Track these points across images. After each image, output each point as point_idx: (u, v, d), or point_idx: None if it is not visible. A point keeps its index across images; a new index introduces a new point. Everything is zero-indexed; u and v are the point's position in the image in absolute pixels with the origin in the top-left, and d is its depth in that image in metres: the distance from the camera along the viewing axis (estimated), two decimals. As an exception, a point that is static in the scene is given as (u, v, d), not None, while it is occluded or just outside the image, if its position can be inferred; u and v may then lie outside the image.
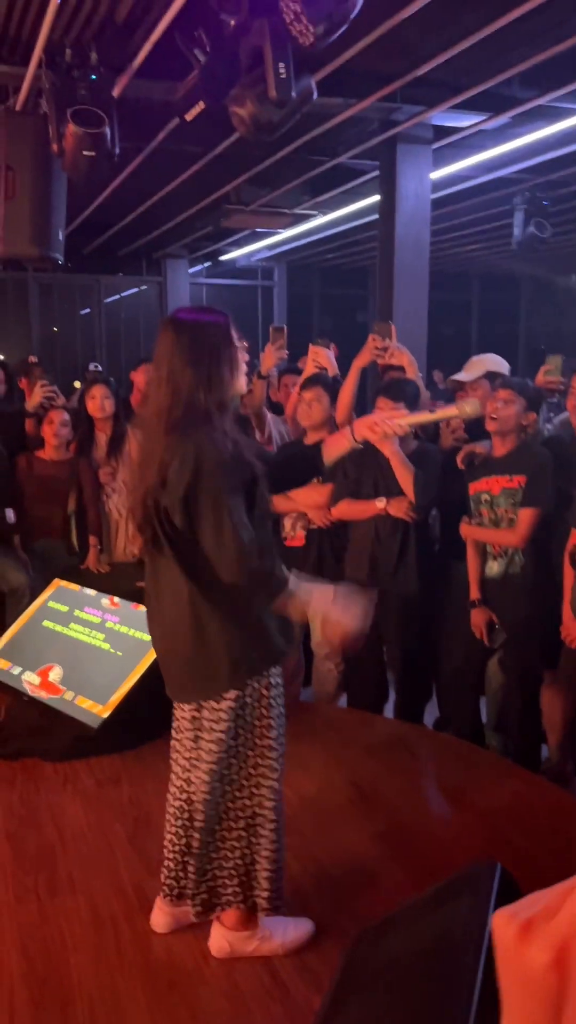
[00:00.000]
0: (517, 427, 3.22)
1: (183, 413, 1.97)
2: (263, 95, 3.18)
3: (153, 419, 2.01)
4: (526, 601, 3.26)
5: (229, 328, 2.05)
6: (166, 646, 2.11)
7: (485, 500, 3.29)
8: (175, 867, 2.22)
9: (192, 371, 1.97)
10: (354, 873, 2.47)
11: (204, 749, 2.06)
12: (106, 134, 3.96)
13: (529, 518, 3.15)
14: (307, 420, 3.77)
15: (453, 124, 5.57)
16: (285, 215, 8.63)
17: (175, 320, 2.06)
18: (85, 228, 9.18)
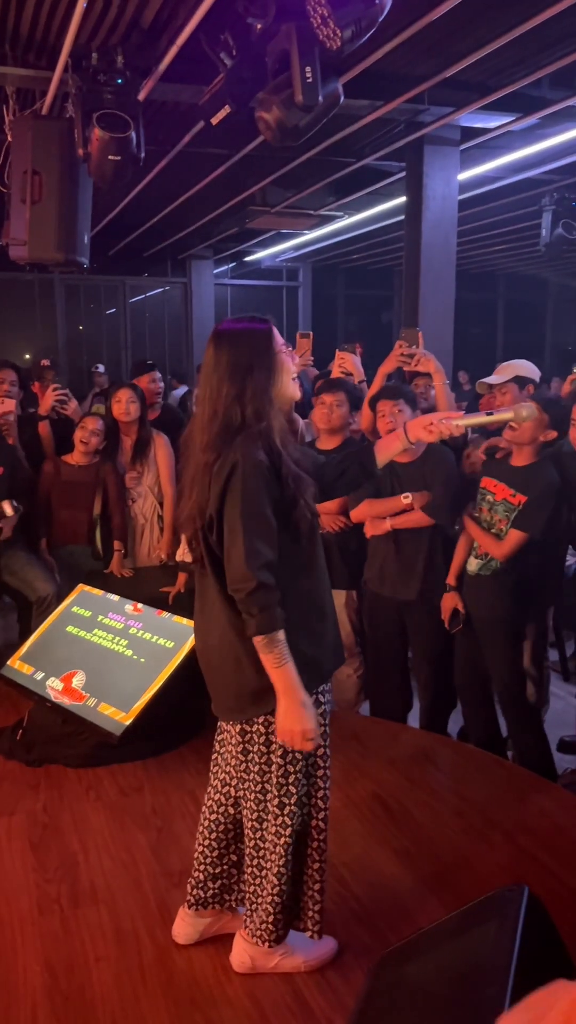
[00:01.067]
0: (534, 442, 3.18)
1: (220, 429, 1.94)
2: (289, 100, 3.16)
3: (195, 435, 2.01)
4: (493, 604, 3.27)
5: (270, 335, 2.00)
6: (213, 664, 2.07)
7: (488, 500, 3.27)
8: (204, 878, 2.20)
9: (228, 386, 1.95)
10: (377, 890, 2.44)
11: (255, 766, 2.04)
12: (132, 138, 3.96)
13: (516, 539, 3.14)
14: (325, 423, 3.73)
15: (481, 125, 5.52)
16: (310, 216, 8.61)
17: (215, 334, 2.03)
18: (111, 229, 9.22)
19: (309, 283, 13.16)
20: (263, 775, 2.03)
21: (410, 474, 3.46)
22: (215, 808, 2.19)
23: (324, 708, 2.07)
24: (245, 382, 1.95)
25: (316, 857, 2.10)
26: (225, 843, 2.19)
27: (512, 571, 3.22)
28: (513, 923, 1.68)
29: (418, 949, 1.90)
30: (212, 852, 2.19)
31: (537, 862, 2.55)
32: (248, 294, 13.30)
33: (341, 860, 2.56)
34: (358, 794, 2.97)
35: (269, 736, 2.01)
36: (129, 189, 7.36)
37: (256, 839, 2.08)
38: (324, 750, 2.08)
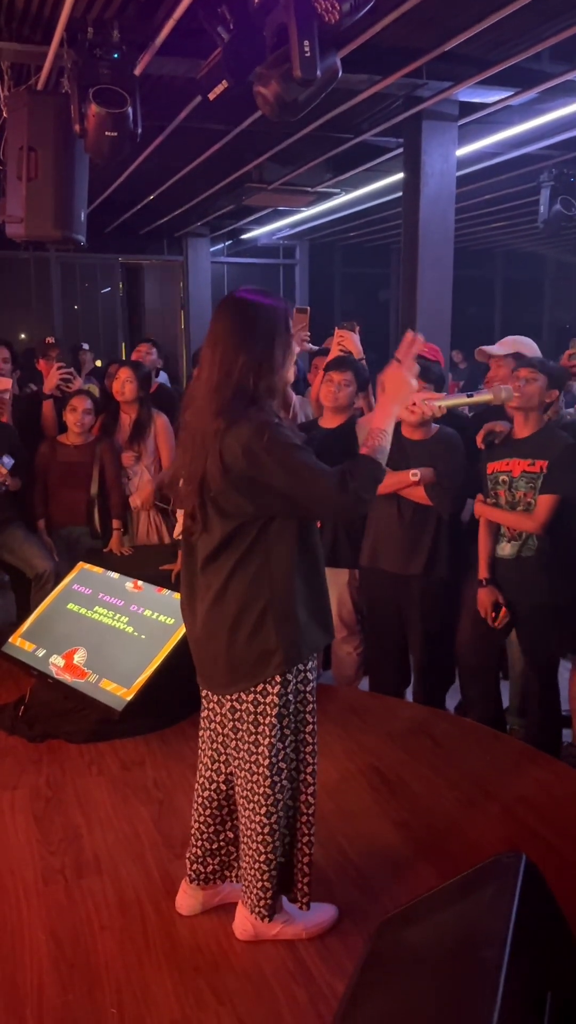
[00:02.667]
0: (540, 405, 3.19)
1: (232, 395, 1.93)
2: (288, 74, 3.13)
3: (203, 399, 1.98)
4: (540, 584, 3.24)
5: (287, 314, 2.01)
6: (203, 638, 2.07)
7: (503, 481, 3.27)
8: (202, 854, 2.24)
9: (245, 353, 1.93)
10: (376, 860, 2.48)
11: (244, 743, 2.06)
12: (128, 114, 3.93)
13: (548, 504, 3.13)
14: (331, 401, 3.74)
15: (480, 100, 5.47)
16: (308, 193, 8.54)
17: (234, 300, 2.01)
18: (106, 207, 9.14)
19: (306, 261, 13.08)
20: (251, 753, 2.05)
21: (419, 451, 3.47)
22: (207, 785, 2.22)
23: (312, 685, 2.10)
24: (262, 355, 1.95)
25: (305, 831, 2.13)
26: (220, 819, 2.22)
27: (552, 549, 3.20)
28: (511, 889, 1.71)
29: (417, 915, 1.94)
30: (208, 828, 2.23)
31: (533, 833, 2.59)
32: (245, 272, 13.22)
33: (340, 831, 2.60)
34: (357, 767, 3.01)
35: (258, 715, 2.03)
36: (125, 166, 7.30)
37: (248, 815, 2.10)
38: (312, 727, 2.11)
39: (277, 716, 2.02)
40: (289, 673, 2.01)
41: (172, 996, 1.99)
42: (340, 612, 3.84)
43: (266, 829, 2.06)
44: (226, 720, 2.10)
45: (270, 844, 2.07)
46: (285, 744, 2.06)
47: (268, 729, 2.02)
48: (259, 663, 1.99)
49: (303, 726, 2.09)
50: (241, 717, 2.05)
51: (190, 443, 2.00)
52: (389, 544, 3.55)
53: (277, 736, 2.03)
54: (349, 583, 3.84)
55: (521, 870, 1.76)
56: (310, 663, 2.07)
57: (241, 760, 2.08)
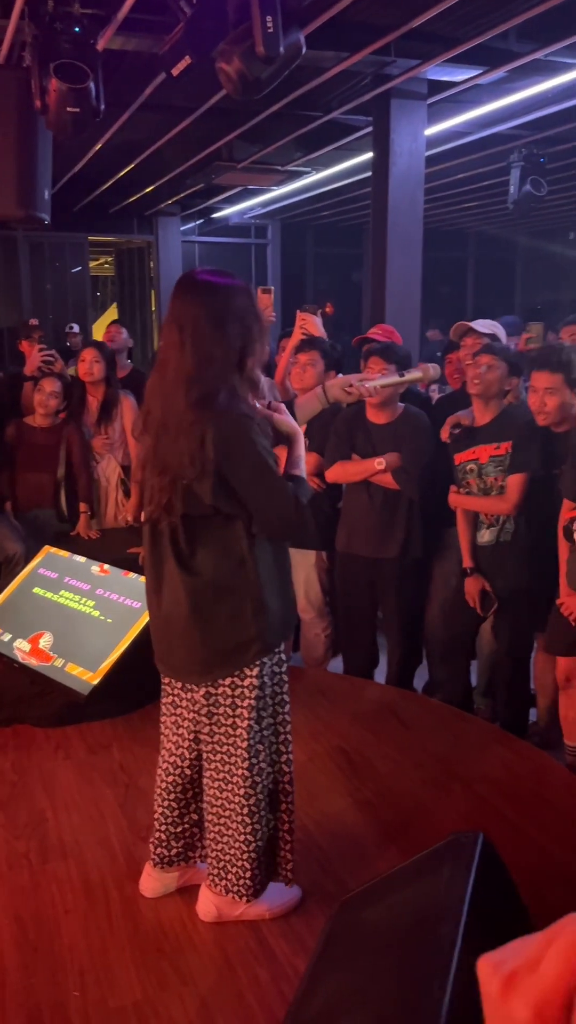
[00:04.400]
0: (499, 392, 3.21)
1: (211, 383, 1.88)
2: (250, 51, 3.09)
3: (174, 386, 1.91)
4: (518, 568, 3.27)
5: (252, 295, 1.98)
6: (177, 629, 2.03)
7: (471, 470, 3.28)
8: (167, 837, 2.24)
9: (224, 340, 1.88)
10: (341, 840, 2.51)
11: (221, 728, 2.05)
12: (90, 90, 3.85)
13: (518, 484, 3.15)
14: (299, 383, 3.73)
15: (448, 78, 5.44)
16: (278, 172, 8.47)
17: (202, 283, 1.92)
18: (74, 184, 9.01)
19: (278, 240, 12.98)
20: (229, 737, 2.05)
21: (384, 435, 3.48)
22: (171, 771, 2.22)
23: (287, 666, 2.11)
24: (243, 339, 1.91)
25: (286, 819, 2.15)
26: (184, 803, 2.23)
27: (527, 532, 3.23)
28: (467, 867, 1.73)
29: (376, 894, 1.97)
30: (172, 812, 2.23)
31: (496, 811, 2.63)
32: (216, 251, 13.10)
33: (305, 811, 2.62)
34: (322, 748, 3.03)
35: (235, 698, 2.03)
36: (91, 143, 7.19)
37: (223, 799, 2.10)
38: (288, 707, 2.12)
39: (256, 699, 2.02)
40: (266, 657, 2.02)
41: (135, 978, 2.00)
42: (308, 594, 3.85)
43: (246, 810, 2.07)
44: (200, 706, 2.07)
45: (250, 825, 2.08)
46: (263, 726, 2.06)
47: (247, 712, 2.02)
48: (237, 652, 1.99)
49: (281, 707, 2.10)
50: (217, 702, 2.04)
51: (161, 431, 1.94)
52: (362, 529, 3.56)
53: (255, 718, 2.04)
54: (316, 564, 3.85)
55: (478, 848, 1.78)
56: (283, 645, 2.09)
57: (217, 744, 2.07)
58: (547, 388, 3.03)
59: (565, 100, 5.92)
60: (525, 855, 2.34)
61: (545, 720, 3.52)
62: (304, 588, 3.82)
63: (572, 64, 5.19)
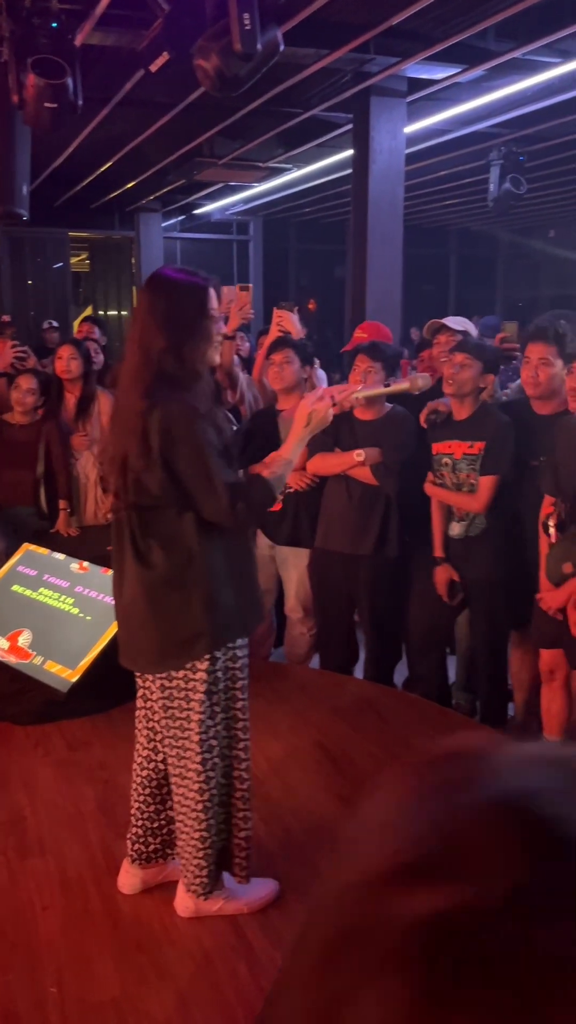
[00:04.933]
0: (475, 390, 3.22)
1: (154, 377, 1.94)
2: (228, 48, 3.09)
3: (126, 380, 2.00)
4: (487, 562, 3.30)
5: (207, 295, 1.99)
6: (134, 618, 2.07)
7: (446, 463, 3.31)
8: (143, 833, 2.25)
9: (163, 336, 1.94)
10: (319, 835, 2.51)
11: (176, 721, 2.06)
12: (68, 85, 3.84)
13: (489, 485, 3.18)
14: (278, 383, 3.72)
15: (427, 76, 5.46)
16: (259, 168, 8.46)
17: (154, 279, 2.02)
18: (54, 180, 8.96)
19: (260, 237, 12.97)
20: (184, 731, 2.07)
21: (367, 431, 3.48)
22: (145, 765, 2.23)
23: (242, 662, 2.11)
24: (181, 337, 1.95)
25: (240, 806, 2.15)
26: (160, 798, 2.23)
27: (497, 527, 3.26)
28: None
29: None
30: (148, 808, 2.24)
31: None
32: (198, 248, 13.08)
33: (284, 806, 2.63)
34: (303, 743, 3.04)
35: (188, 692, 2.04)
36: (71, 138, 7.15)
37: (181, 792, 2.11)
38: (243, 703, 2.13)
39: (206, 693, 2.03)
40: (218, 651, 2.03)
41: (113, 974, 2.00)
42: (299, 594, 3.85)
43: (199, 806, 2.08)
44: (158, 698, 2.10)
45: (204, 821, 2.09)
46: (215, 721, 2.07)
47: (199, 705, 2.04)
48: (186, 645, 2.01)
49: (233, 703, 2.11)
50: (171, 695, 2.06)
51: (116, 423, 2.02)
52: (339, 525, 3.56)
53: (207, 713, 2.04)
54: (310, 564, 3.85)
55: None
56: (239, 640, 2.09)
57: (172, 738, 2.09)
58: (540, 359, 3.05)
59: (544, 99, 5.95)
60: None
61: (523, 715, 3.55)
62: (296, 587, 3.83)
63: (550, 63, 5.22)
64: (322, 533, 3.65)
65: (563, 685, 3.06)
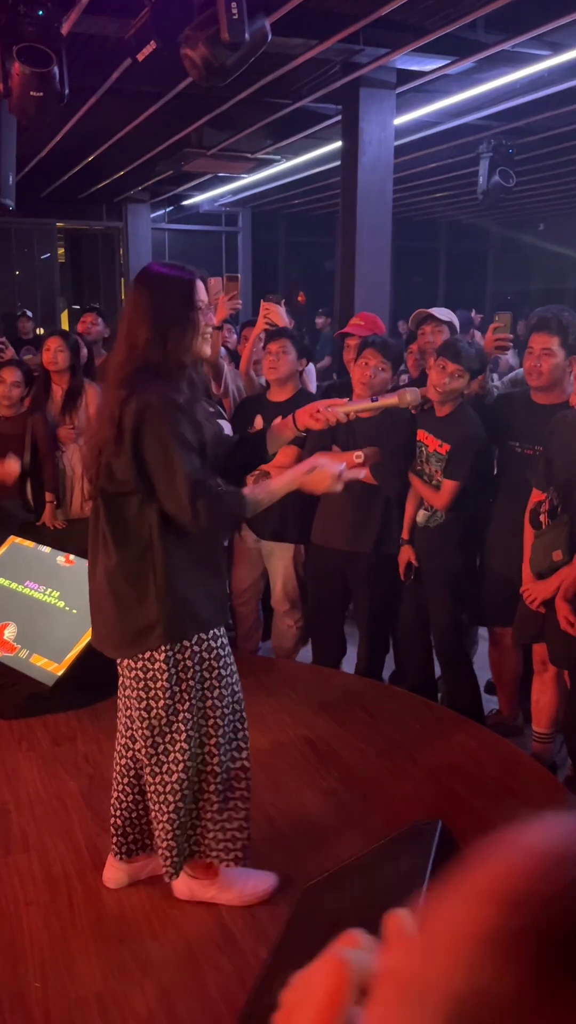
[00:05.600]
0: (459, 397, 3.22)
1: (136, 369, 1.96)
2: (215, 37, 3.06)
3: (110, 372, 2.03)
4: (442, 555, 3.34)
5: (193, 288, 2.00)
6: (99, 602, 2.10)
7: (424, 452, 3.32)
8: (122, 824, 2.24)
9: (147, 328, 1.96)
10: (304, 828, 2.52)
11: (140, 707, 2.07)
12: (54, 74, 3.80)
13: (450, 489, 3.20)
14: (273, 373, 3.69)
15: (417, 68, 5.44)
16: (247, 159, 8.42)
17: (141, 274, 2.05)
18: (41, 170, 8.89)
19: (249, 228, 12.92)
20: (144, 718, 2.07)
21: (366, 427, 3.46)
22: (123, 752, 2.23)
23: (219, 652, 2.10)
24: (166, 330, 1.96)
25: (214, 798, 2.14)
26: (138, 788, 2.22)
27: (457, 522, 3.27)
28: (425, 854, 1.75)
29: (338, 881, 1.98)
30: (127, 798, 2.23)
31: (458, 798, 2.65)
32: (186, 239, 13.02)
33: (269, 800, 2.63)
34: (288, 737, 3.04)
35: (148, 680, 2.04)
36: (58, 128, 7.10)
37: (148, 777, 2.12)
38: (219, 691, 2.10)
39: (168, 681, 2.03)
40: (186, 641, 2.02)
41: (96, 968, 2.00)
42: (285, 587, 3.85)
43: (167, 788, 2.08)
44: (128, 683, 2.11)
45: (171, 804, 2.09)
46: (185, 708, 2.06)
47: (161, 693, 2.04)
48: (141, 634, 2.01)
49: (210, 691, 2.10)
50: (132, 684, 2.07)
51: (99, 413, 2.05)
52: (338, 522, 3.55)
53: (169, 699, 2.04)
54: (295, 558, 3.84)
55: (436, 836, 1.80)
56: (212, 632, 2.08)
57: (138, 722, 2.09)
58: (544, 349, 3.03)
59: (533, 91, 5.95)
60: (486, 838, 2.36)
61: (508, 709, 3.55)
62: (282, 580, 3.83)
63: (540, 55, 5.22)
64: (320, 530, 3.63)
65: (554, 678, 3.07)
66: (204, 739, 2.12)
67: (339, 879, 1.98)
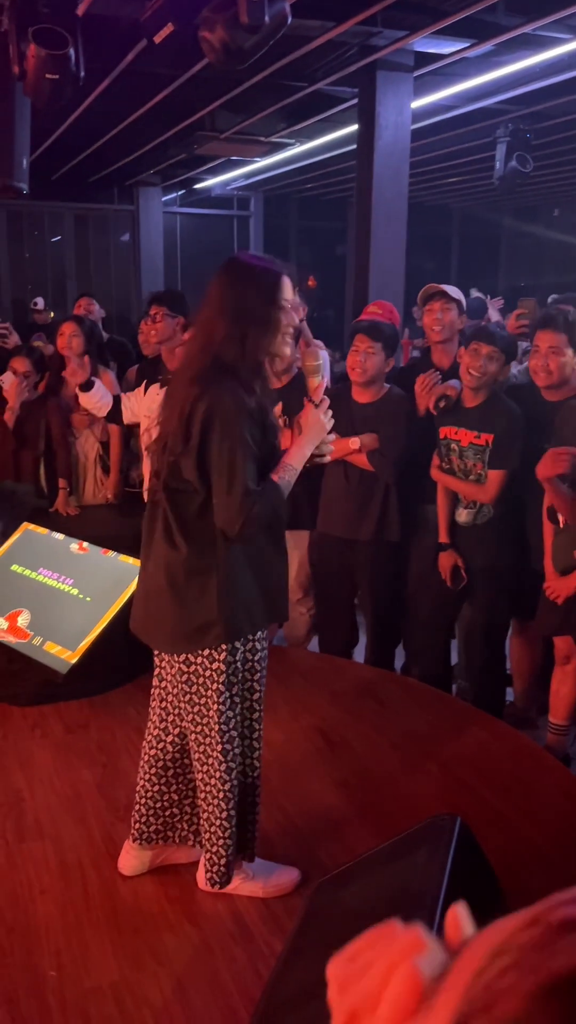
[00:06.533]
0: (492, 382, 3.18)
1: (210, 364, 1.91)
2: (234, 19, 3.02)
3: (184, 361, 1.99)
4: (493, 550, 3.27)
5: (279, 285, 1.94)
6: (159, 596, 2.05)
7: (454, 448, 3.27)
8: (146, 812, 2.24)
9: (226, 323, 1.90)
10: (318, 821, 2.52)
11: (198, 703, 2.05)
12: (70, 56, 3.76)
13: (498, 479, 3.15)
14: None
15: (435, 51, 5.37)
16: (261, 143, 8.35)
17: (228, 264, 1.98)
18: (53, 153, 8.83)
19: (260, 213, 12.83)
20: (202, 716, 2.05)
21: (365, 414, 3.44)
22: (154, 743, 2.23)
23: (261, 655, 2.10)
24: (246, 328, 1.90)
25: (250, 792, 2.16)
26: (165, 780, 2.22)
27: (506, 515, 3.23)
28: (444, 851, 1.74)
29: (353, 876, 1.98)
30: (152, 787, 2.23)
31: (472, 791, 2.65)
32: (198, 223, 12.94)
33: (283, 791, 2.63)
34: (301, 728, 3.03)
35: (206, 678, 2.02)
36: (71, 110, 7.03)
37: (203, 778, 2.10)
38: (259, 694, 2.12)
39: (225, 684, 2.02)
40: (237, 642, 2.01)
41: (111, 958, 2.00)
42: (298, 574, 3.84)
43: (222, 794, 2.08)
44: (174, 680, 2.10)
45: (225, 811, 2.09)
46: (235, 712, 2.07)
47: (216, 695, 2.02)
48: (200, 631, 1.99)
49: (251, 694, 2.11)
50: (189, 680, 2.05)
51: (167, 404, 2.00)
52: (338, 509, 3.54)
53: (226, 703, 2.03)
54: (310, 546, 3.84)
55: (455, 831, 1.79)
56: (259, 633, 2.07)
57: (191, 723, 2.08)
58: (551, 347, 3.00)
59: (552, 75, 5.86)
60: (502, 837, 2.36)
61: (522, 701, 3.54)
62: (296, 569, 3.82)
63: (560, 39, 5.14)
64: (322, 517, 3.63)
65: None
66: (243, 739, 2.13)
67: (354, 873, 1.97)
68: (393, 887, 1.82)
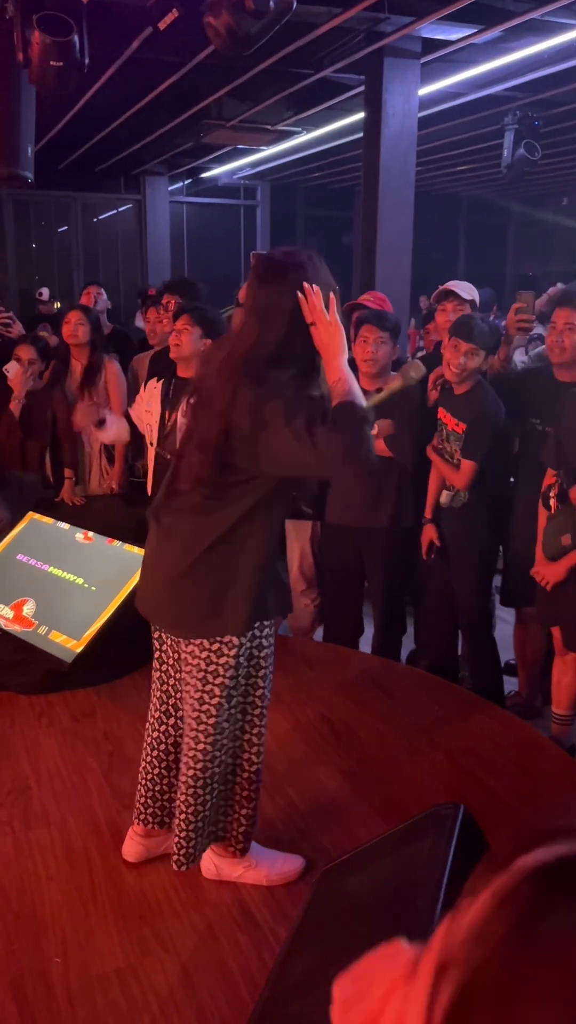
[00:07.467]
0: (475, 375, 3.18)
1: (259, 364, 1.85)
2: (239, 5, 3.00)
3: (223, 364, 1.90)
4: (468, 535, 3.32)
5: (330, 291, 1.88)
6: (175, 578, 2.01)
7: (444, 431, 3.29)
8: (145, 794, 2.25)
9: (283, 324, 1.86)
10: (324, 810, 2.52)
11: (202, 690, 2.03)
12: (75, 43, 3.74)
13: (468, 468, 3.17)
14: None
15: (442, 37, 5.32)
16: (268, 131, 8.31)
17: (260, 263, 1.95)
18: (59, 142, 8.80)
19: (267, 202, 12.78)
20: (200, 705, 2.05)
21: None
22: (156, 726, 2.23)
23: (267, 652, 2.10)
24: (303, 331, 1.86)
25: (245, 787, 2.15)
26: (166, 764, 2.23)
27: (480, 502, 3.24)
28: (447, 839, 1.75)
29: (358, 863, 1.98)
30: (152, 770, 2.24)
31: (477, 781, 2.65)
32: (204, 212, 12.90)
33: (288, 780, 2.63)
34: (307, 717, 3.03)
35: (208, 672, 2.01)
36: (76, 98, 7.00)
37: (186, 763, 2.10)
38: (263, 691, 2.12)
39: (230, 677, 2.02)
40: (243, 636, 2.01)
41: (117, 944, 2.01)
42: (302, 565, 3.84)
43: (199, 783, 2.08)
44: (178, 666, 2.10)
45: (200, 797, 2.09)
46: (231, 704, 2.06)
47: (218, 689, 2.02)
48: (216, 617, 1.98)
49: (253, 689, 2.10)
50: (192, 671, 2.04)
51: (199, 407, 1.94)
52: (353, 498, 3.52)
53: (225, 696, 2.03)
54: (311, 537, 3.83)
55: (458, 820, 1.79)
56: (265, 629, 2.07)
57: (189, 708, 2.08)
58: (567, 324, 3.00)
59: (561, 62, 5.81)
60: (505, 824, 2.36)
61: (526, 691, 3.54)
62: (299, 560, 3.82)
63: (569, 24, 5.09)
64: (333, 508, 3.61)
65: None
66: (239, 732, 2.13)
67: (358, 861, 1.98)
68: (396, 875, 1.83)
